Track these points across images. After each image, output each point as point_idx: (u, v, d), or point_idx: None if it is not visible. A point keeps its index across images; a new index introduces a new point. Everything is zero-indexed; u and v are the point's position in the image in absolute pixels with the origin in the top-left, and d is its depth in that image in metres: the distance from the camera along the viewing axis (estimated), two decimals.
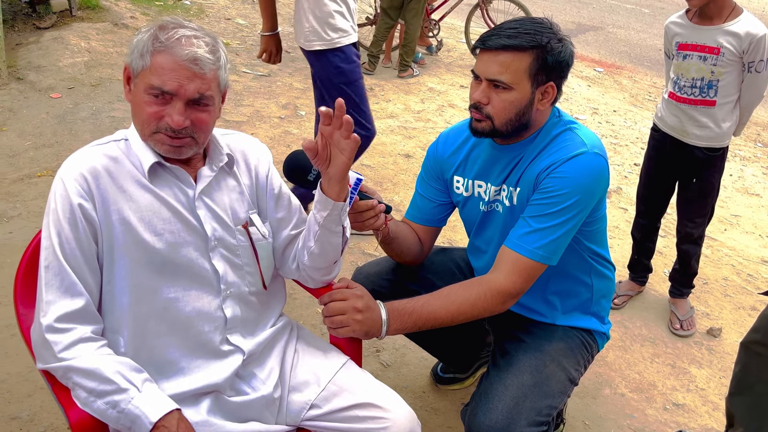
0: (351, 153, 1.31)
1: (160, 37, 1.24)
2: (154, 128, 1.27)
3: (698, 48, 2.43)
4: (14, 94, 4.20)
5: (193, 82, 1.24)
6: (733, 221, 3.91)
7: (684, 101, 2.52)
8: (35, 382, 2.04)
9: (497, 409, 1.47)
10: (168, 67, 1.23)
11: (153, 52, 1.24)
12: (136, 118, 1.30)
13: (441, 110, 5.11)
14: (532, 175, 1.55)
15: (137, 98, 1.27)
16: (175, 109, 1.24)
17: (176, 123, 1.24)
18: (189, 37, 1.25)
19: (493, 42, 1.49)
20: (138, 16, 5.90)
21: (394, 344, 2.43)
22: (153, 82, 1.23)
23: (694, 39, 2.44)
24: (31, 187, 3.19)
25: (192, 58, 1.23)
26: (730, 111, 2.50)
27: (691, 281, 2.86)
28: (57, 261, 1.22)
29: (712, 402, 2.41)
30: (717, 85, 2.44)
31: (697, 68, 2.45)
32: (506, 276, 1.52)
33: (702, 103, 2.48)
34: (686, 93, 2.51)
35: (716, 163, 2.59)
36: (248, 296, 1.43)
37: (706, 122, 2.50)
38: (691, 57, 2.46)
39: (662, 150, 2.67)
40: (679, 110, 2.55)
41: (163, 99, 1.24)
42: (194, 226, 1.34)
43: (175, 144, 1.28)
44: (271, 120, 4.44)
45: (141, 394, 1.19)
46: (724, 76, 2.42)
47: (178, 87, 1.23)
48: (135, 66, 1.27)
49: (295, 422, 1.46)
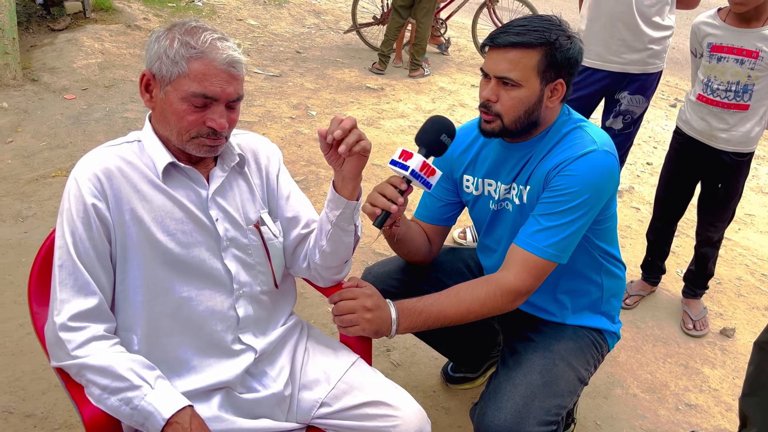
0: (365, 153, 1.34)
1: (190, 42, 1.24)
2: (194, 133, 1.28)
3: (735, 51, 2.36)
4: (29, 95, 4.25)
5: (232, 84, 1.26)
6: (747, 221, 3.87)
7: (716, 104, 2.45)
8: (49, 379, 2.06)
9: (506, 408, 1.47)
10: (211, 73, 1.24)
11: (189, 58, 1.24)
12: (170, 125, 1.29)
13: (452, 109, 5.11)
14: (542, 173, 1.55)
15: (172, 106, 1.26)
16: (217, 113, 1.26)
17: (221, 126, 1.27)
18: (218, 39, 1.26)
19: (502, 39, 1.48)
20: (151, 17, 5.95)
21: (404, 343, 2.43)
22: (195, 89, 1.24)
23: (731, 41, 2.37)
24: (45, 187, 3.23)
25: (231, 61, 1.25)
26: (762, 116, 2.44)
27: (706, 282, 2.83)
28: (71, 260, 1.24)
29: (725, 403, 2.39)
30: (752, 89, 2.38)
31: (734, 71, 2.38)
32: (516, 274, 1.52)
33: (735, 107, 2.42)
34: (719, 96, 2.44)
35: (743, 168, 2.54)
36: (260, 295, 1.44)
37: (737, 126, 2.44)
38: (727, 60, 2.38)
39: (686, 154, 2.61)
40: (709, 113, 2.48)
41: (203, 104, 1.26)
42: (206, 226, 1.35)
43: (216, 144, 1.31)
44: (282, 120, 4.46)
45: (154, 391, 1.20)
46: (761, 80, 2.36)
47: (221, 92, 1.25)
48: (166, 73, 1.25)
49: (305, 420, 1.46)
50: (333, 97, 5.05)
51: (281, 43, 6.24)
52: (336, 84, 5.35)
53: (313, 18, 7.23)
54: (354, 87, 5.34)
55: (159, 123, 1.32)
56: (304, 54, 6.02)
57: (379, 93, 5.29)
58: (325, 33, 6.80)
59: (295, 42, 6.35)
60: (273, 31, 6.53)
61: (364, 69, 5.80)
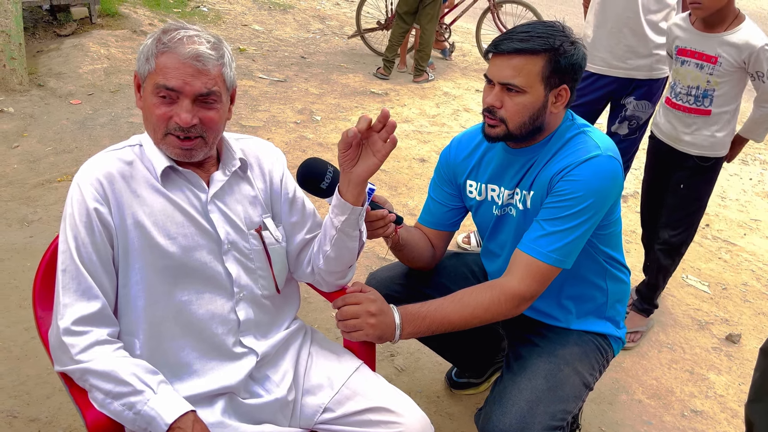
0: (385, 156, 1.33)
1: (162, 39, 1.26)
2: (164, 130, 1.28)
3: (696, 55, 2.35)
4: (35, 100, 4.28)
5: (197, 78, 1.26)
6: (753, 226, 3.85)
7: (679, 108, 2.44)
8: (54, 384, 2.07)
9: (511, 413, 1.47)
10: (172, 65, 1.24)
11: (157, 54, 1.26)
12: (148, 123, 1.31)
13: (456, 114, 5.11)
14: (545, 178, 1.55)
15: (147, 102, 1.29)
16: (182, 107, 1.26)
17: (184, 120, 1.25)
18: (191, 36, 1.27)
19: (506, 46, 1.49)
20: (156, 23, 5.98)
21: (408, 348, 2.43)
22: (158, 81, 1.25)
23: (694, 45, 2.36)
24: (51, 192, 3.24)
25: (194, 55, 1.25)
26: (727, 121, 2.41)
27: (654, 298, 2.72)
28: (74, 265, 1.24)
29: (731, 409, 2.37)
30: (713, 94, 2.36)
31: (693, 76, 2.37)
32: (520, 279, 1.51)
33: (697, 112, 2.40)
34: (682, 100, 2.43)
35: (706, 174, 2.49)
36: (261, 299, 1.44)
37: (700, 131, 2.42)
38: (689, 63, 2.38)
39: (658, 157, 2.61)
40: (674, 116, 2.48)
41: (170, 99, 1.26)
42: (207, 229, 1.35)
43: (186, 146, 1.29)
44: (287, 125, 4.47)
45: (156, 396, 1.20)
46: (721, 86, 2.33)
47: (183, 84, 1.25)
48: (141, 71, 1.29)
49: (308, 425, 1.46)
50: (337, 102, 5.06)
51: (286, 48, 6.26)
52: (340, 89, 5.36)
53: (317, 23, 7.25)
54: (358, 92, 5.35)
55: (144, 122, 1.33)
56: (308, 59, 6.04)
57: (383, 98, 5.30)
58: (330, 38, 6.82)
59: (300, 47, 6.37)
60: (278, 37, 6.55)
61: (368, 74, 5.81)
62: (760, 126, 2.46)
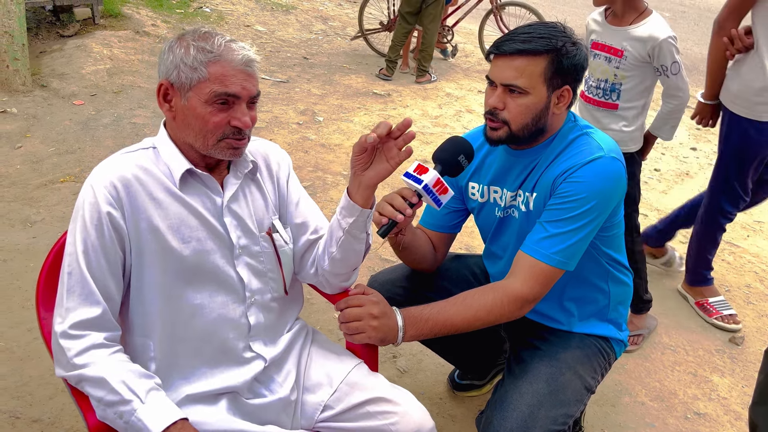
0: (398, 164, 1.35)
1: (205, 47, 1.26)
2: (220, 135, 1.28)
3: (605, 48, 2.36)
4: (38, 101, 4.28)
5: (250, 82, 1.29)
6: (756, 227, 3.84)
7: (590, 101, 2.46)
8: (56, 385, 2.07)
9: (512, 417, 1.46)
10: (229, 73, 1.26)
11: (207, 62, 1.25)
12: (194, 131, 1.29)
13: (458, 115, 5.11)
14: (548, 180, 1.55)
15: (195, 111, 1.27)
16: (240, 111, 1.28)
17: (246, 124, 1.29)
18: (228, 42, 1.29)
19: (508, 47, 1.48)
20: (159, 24, 5.99)
21: (410, 350, 2.43)
22: (215, 89, 1.25)
23: (605, 39, 2.37)
24: (54, 193, 3.25)
25: (247, 60, 1.28)
26: (635, 116, 2.40)
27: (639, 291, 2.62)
28: (80, 268, 1.24)
29: (735, 411, 2.36)
30: (620, 88, 2.36)
31: (602, 69, 2.38)
32: (523, 281, 1.51)
33: (605, 106, 2.41)
34: (592, 93, 2.44)
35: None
36: (270, 303, 1.45)
37: (609, 125, 2.41)
38: (599, 57, 2.38)
39: None
40: (586, 110, 2.48)
41: (226, 105, 1.27)
42: (220, 233, 1.35)
43: (241, 145, 1.32)
44: (290, 126, 4.47)
45: (144, 406, 1.19)
46: (627, 80, 2.34)
47: (242, 89, 1.27)
48: (186, 80, 1.26)
49: (309, 425, 1.46)
50: (340, 102, 5.06)
51: (288, 49, 6.26)
52: (343, 90, 5.36)
53: (320, 24, 7.26)
54: (361, 93, 5.35)
55: (181, 130, 1.31)
56: (311, 60, 6.04)
57: (386, 99, 5.30)
58: (332, 39, 6.83)
59: (303, 48, 6.37)
60: (280, 37, 6.56)
61: (371, 75, 5.81)
62: (666, 122, 2.46)
